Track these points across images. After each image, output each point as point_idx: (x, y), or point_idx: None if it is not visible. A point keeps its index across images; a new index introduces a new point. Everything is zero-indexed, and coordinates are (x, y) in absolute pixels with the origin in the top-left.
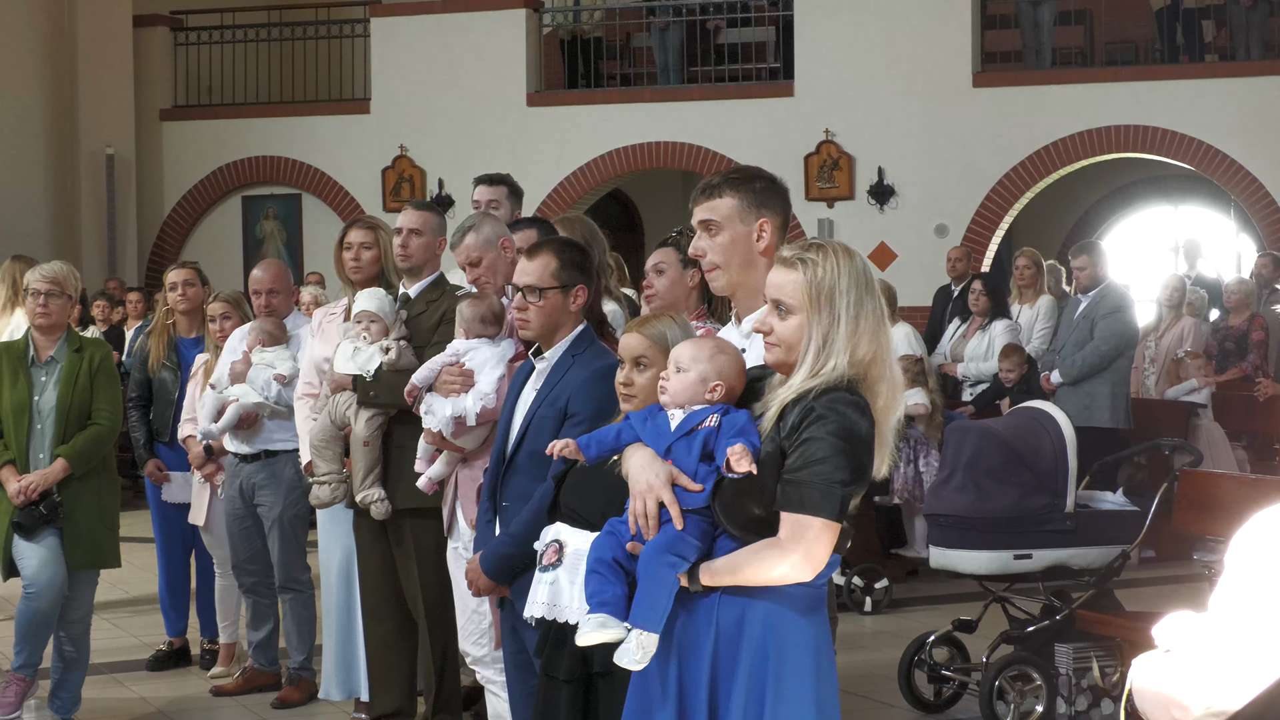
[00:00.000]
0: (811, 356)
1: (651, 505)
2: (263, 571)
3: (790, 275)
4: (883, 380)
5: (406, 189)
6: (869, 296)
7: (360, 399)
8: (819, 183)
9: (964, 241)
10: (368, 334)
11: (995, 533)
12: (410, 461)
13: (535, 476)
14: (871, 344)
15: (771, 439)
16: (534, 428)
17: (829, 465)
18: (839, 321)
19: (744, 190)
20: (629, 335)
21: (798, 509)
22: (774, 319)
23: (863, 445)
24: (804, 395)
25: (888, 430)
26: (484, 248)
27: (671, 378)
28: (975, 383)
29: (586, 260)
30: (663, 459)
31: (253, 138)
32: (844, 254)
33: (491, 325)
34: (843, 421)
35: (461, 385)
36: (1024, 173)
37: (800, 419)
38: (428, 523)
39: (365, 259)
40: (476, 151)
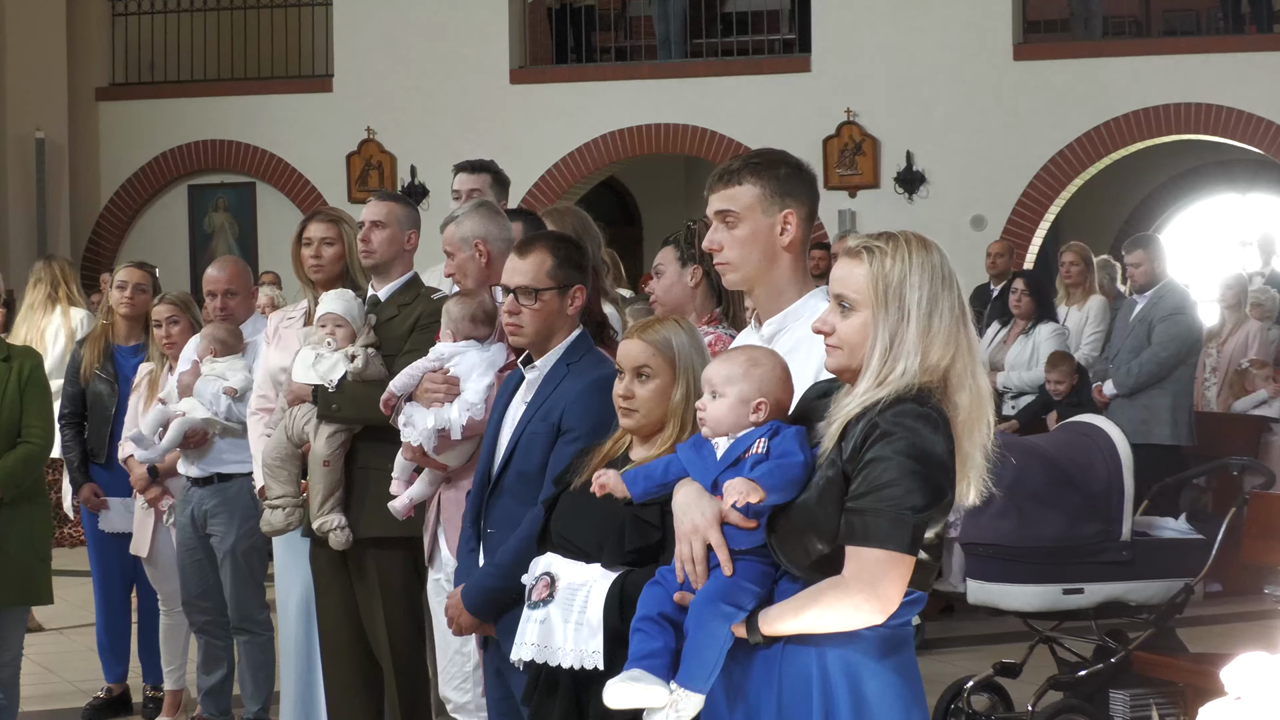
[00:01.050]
0: (877, 360)
1: (698, 549)
2: (216, 609)
3: (855, 267)
4: (963, 389)
5: (374, 177)
6: (946, 293)
7: (321, 412)
8: (839, 169)
9: (1004, 235)
10: (332, 339)
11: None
12: (376, 484)
13: (524, 500)
14: (948, 347)
15: (832, 462)
16: (523, 445)
17: (898, 489)
18: (908, 319)
19: (767, 177)
20: (629, 342)
21: (862, 541)
22: (836, 317)
23: (938, 466)
24: (869, 409)
25: (973, 448)
26: (457, 244)
27: (708, 405)
28: (1017, 395)
29: (583, 257)
30: (710, 494)
31: (200, 119)
32: (919, 244)
33: (483, 325)
34: (912, 438)
35: (445, 394)
36: (1071, 157)
37: (864, 437)
38: (394, 554)
39: (327, 256)
40: (454, 135)
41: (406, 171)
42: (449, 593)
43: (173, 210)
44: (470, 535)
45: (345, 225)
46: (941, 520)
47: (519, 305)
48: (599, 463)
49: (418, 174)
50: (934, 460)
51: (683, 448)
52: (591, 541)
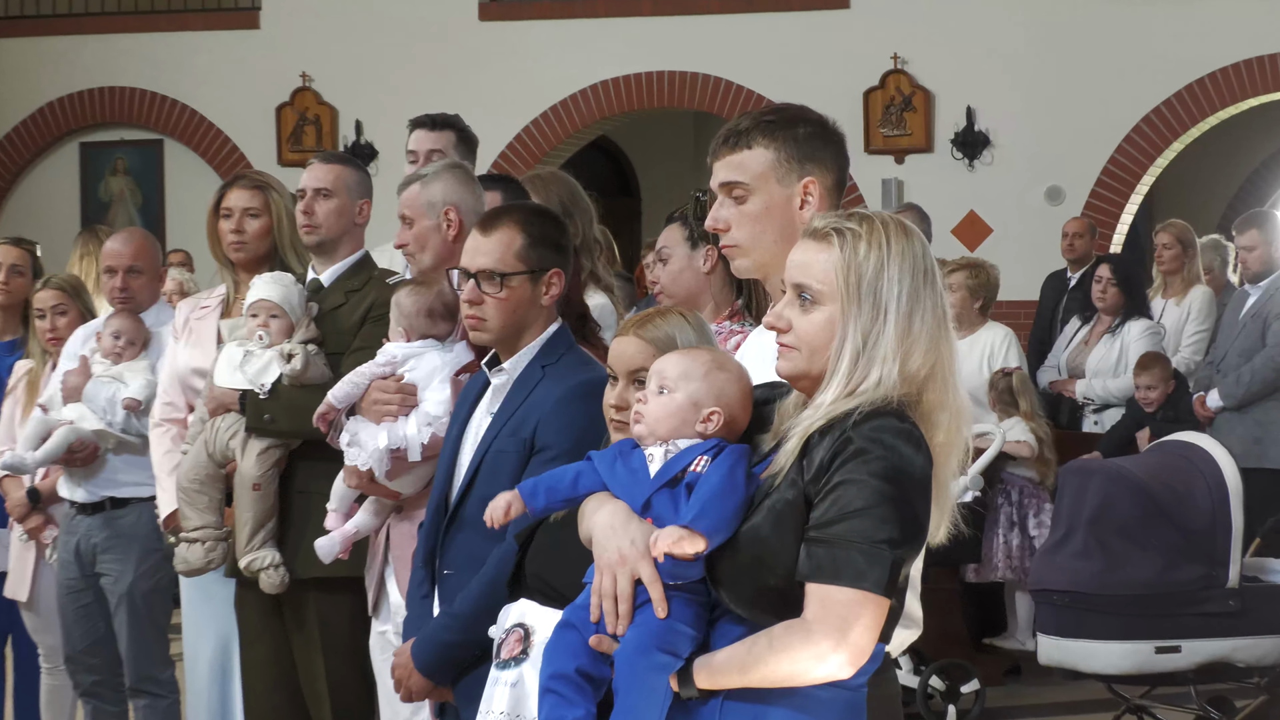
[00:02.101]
0: (846, 364)
1: (625, 584)
2: (107, 667)
3: (820, 252)
4: (943, 407)
5: (311, 134)
6: (928, 290)
7: (250, 424)
8: (884, 129)
9: (1085, 211)
10: (264, 333)
11: (1129, 616)
12: (318, 513)
13: (489, 534)
14: (929, 354)
15: (792, 482)
16: (489, 466)
17: (871, 518)
18: (885, 318)
19: (783, 138)
20: (624, 340)
21: (829, 578)
22: (793, 311)
23: (917, 490)
24: (837, 422)
25: (947, 477)
26: (420, 208)
27: (651, 400)
28: (1101, 407)
29: (563, 234)
30: (640, 516)
31: (95, 62)
32: (898, 229)
33: (443, 321)
34: (891, 458)
35: (400, 405)
36: (1169, 116)
37: (832, 455)
38: (340, 599)
39: (251, 231)
40: (410, 83)
41: (350, 127)
42: (397, 649)
43: (60, 173)
44: (423, 578)
45: (274, 193)
46: (915, 559)
47: (481, 293)
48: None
49: (364, 131)
50: (913, 483)
51: (601, 456)
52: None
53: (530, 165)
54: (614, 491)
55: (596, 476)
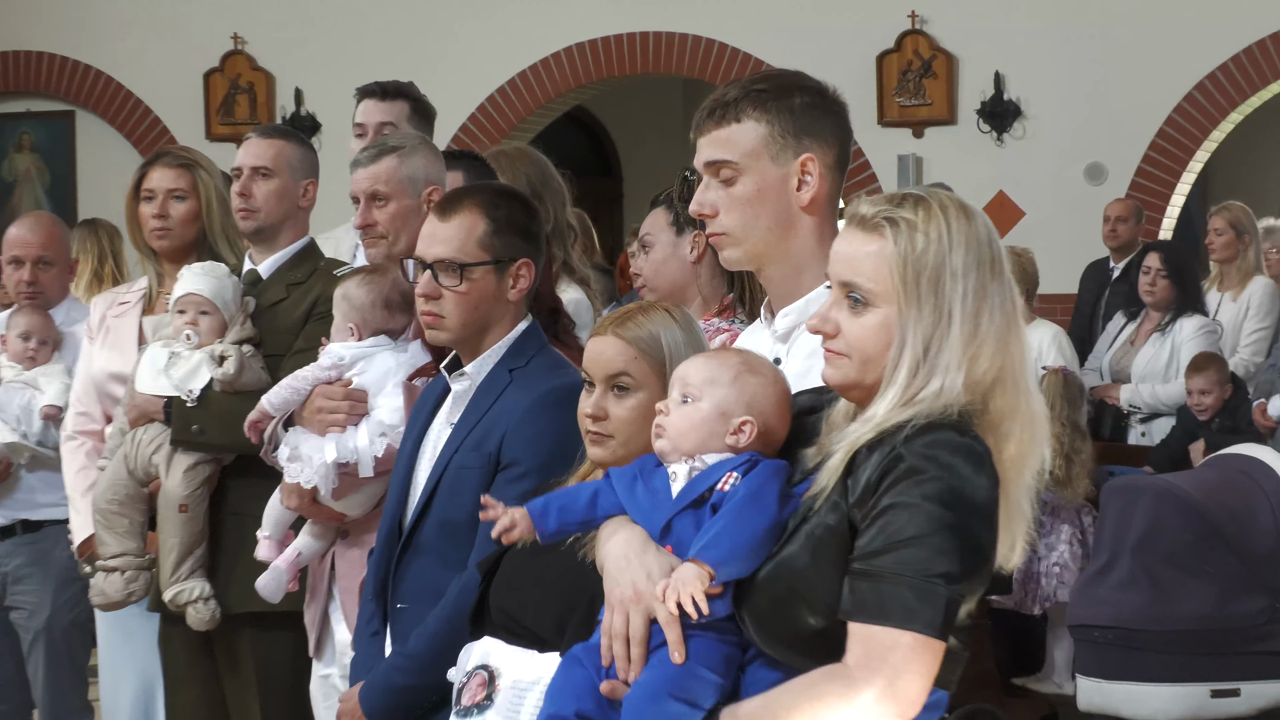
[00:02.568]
0: (904, 373)
1: (638, 623)
2: (16, 713)
3: (870, 243)
4: (1015, 415)
5: (243, 104)
6: (995, 281)
7: (176, 436)
8: (900, 98)
9: (1130, 192)
10: (193, 333)
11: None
12: (254, 539)
13: (450, 562)
14: (999, 356)
15: (834, 505)
16: (449, 484)
17: (926, 549)
18: (949, 319)
19: (776, 110)
20: (600, 340)
21: (875, 618)
22: (841, 313)
23: (980, 517)
24: (887, 435)
25: (1021, 494)
26: (402, 185)
27: (673, 411)
28: (1149, 416)
29: (533, 219)
30: (659, 543)
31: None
32: (958, 212)
33: (401, 313)
34: (949, 479)
35: (348, 414)
36: (1226, 84)
37: (880, 474)
38: (278, 637)
39: (177, 216)
40: (357, 46)
41: (288, 96)
42: (343, 694)
43: None
44: (373, 612)
45: (202, 173)
46: (979, 593)
47: (439, 286)
48: None
49: (304, 100)
50: (975, 509)
51: (620, 474)
52: (547, 621)
53: (495, 140)
54: (631, 515)
55: (615, 498)
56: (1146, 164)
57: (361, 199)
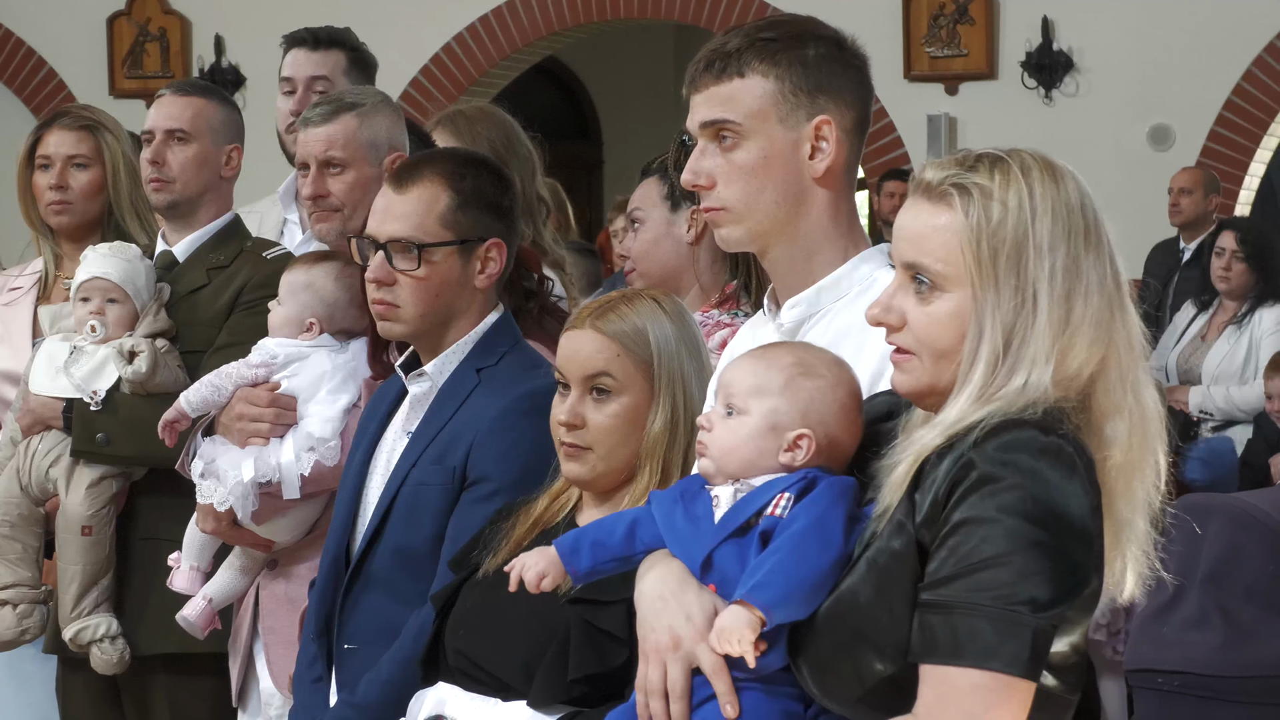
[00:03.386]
0: (982, 371)
1: (676, 673)
2: None
3: (937, 215)
4: (1121, 414)
5: (154, 54)
6: (1092, 255)
7: (78, 446)
8: (931, 48)
9: (1201, 159)
10: (98, 324)
11: (1261, 704)
12: (169, 568)
13: (404, 596)
14: (1096, 345)
15: (899, 526)
16: (404, 504)
17: (1005, 571)
18: (1035, 303)
19: (787, 63)
20: (577, 334)
21: (949, 657)
22: (907, 301)
23: (1074, 534)
24: (958, 439)
25: (1132, 509)
26: (362, 150)
27: (716, 426)
28: (1223, 424)
29: (505, 192)
30: (700, 580)
31: None
32: (1043, 174)
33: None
34: (1031, 487)
35: (273, 423)
36: None
37: (949, 484)
38: (198, 682)
39: (78, 187)
40: None
41: (207, 45)
42: None
43: None
44: (315, 654)
45: (107, 135)
46: (1083, 623)
47: (394, 271)
48: (526, 533)
49: (225, 50)
50: (1068, 524)
51: (660, 499)
52: (512, 665)
53: (451, 98)
54: (670, 547)
55: (653, 529)
56: (1220, 126)
57: (312, 165)
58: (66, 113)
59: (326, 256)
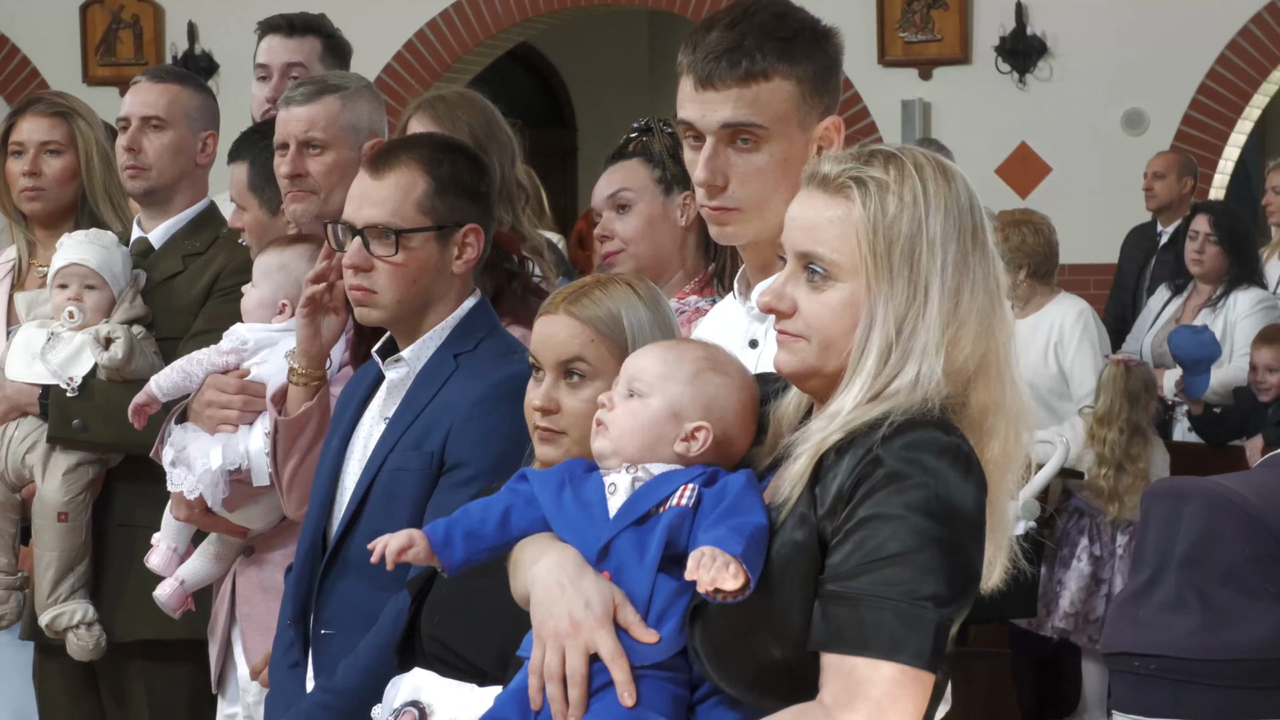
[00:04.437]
0: (874, 360)
1: (575, 660)
2: None
3: (833, 208)
4: (999, 409)
5: (127, 41)
6: (978, 253)
7: (54, 432)
8: (905, 33)
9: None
10: (76, 310)
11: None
12: (145, 553)
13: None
14: (980, 341)
15: (801, 518)
16: (383, 491)
17: (910, 567)
18: (926, 295)
19: (805, 63)
20: (552, 319)
21: (855, 648)
22: (799, 289)
23: (968, 528)
24: (860, 435)
25: (1004, 500)
26: (343, 133)
27: (618, 405)
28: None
29: (482, 178)
30: (596, 568)
31: None
32: (936, 173)
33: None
34: (935, 486)
35: (242, 409)
36: None
37: (855, 481)
38: (175, 668)
39: (52, 173)
40: None
41: (180, 32)
42: None
43: None
44: (292, 640)
45: (81, 122)
46: (963, 616)
47: (371, 257)
48: None
49: (199, 37)
50: (965, 522)
51: (542, 479)
52: (488, 649)
53: (425, 85)
54: (560, 532)
55: (534, 511)
56: (1195, 110)
57: (292, 144)
58: (40, 99)
59: (301, 239)
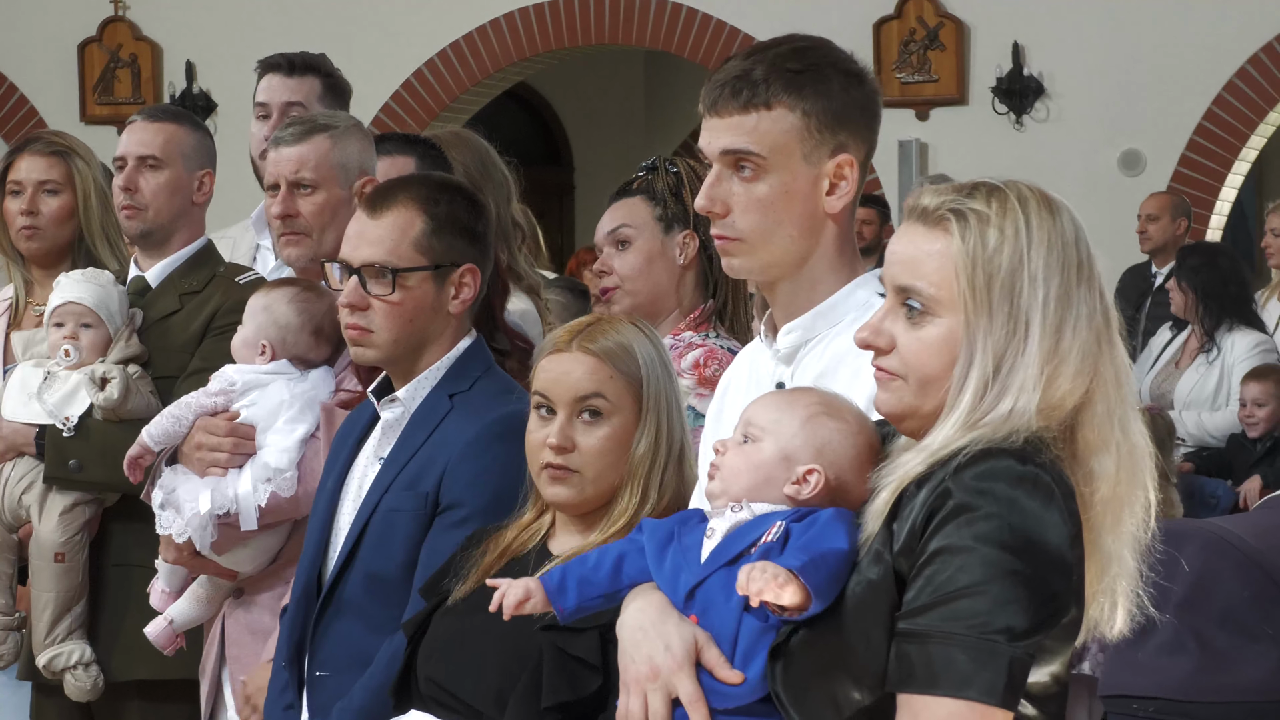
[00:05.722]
0: (970, 396)
1: (657, 704)
2: None
3: (933, 241)
4: (1107, 449)
5: (125, 80)
6: (1084, 288)
7: (50, 472)
8: (901, 74)
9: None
10: (73, 349)
11: None
12: (142, 594)
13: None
14: (1081, 376)
15: (877, 555)
16: (376, 530)
17: (981, 600)
18: (1026, 331)
19: (814, 97)
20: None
21: (925, 685)
22: (897, 325)
23: (1051, 563)
24: (937, 466)
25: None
26: (333, 172)
27: (730, 450)
28: (1196, 449)
29: (479, 217)
30: (684, 610)
31: None
32: (1040, 204)
33: (326, 345)
34: (1007, 515)
35: (232, 452)
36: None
37: (927, 513)
38: (171, 708)
39: (49, 212)
40: (258, 12)
41: (178, 71)
42: None
43: None
44: (287, 682)
45: (78, 161)
46: (1063, 653)
47: (367, 295)
48: (495, 561)
49: (197, 75)
50: (1044, 553)
51: (654, 528)
52: (485, 692)
53: (422, 124)
54: (656, 578)
55: (645, 559)
56: (1192, 151)
57: (282, 184)
58: (38, 138)
59: (290, 282)
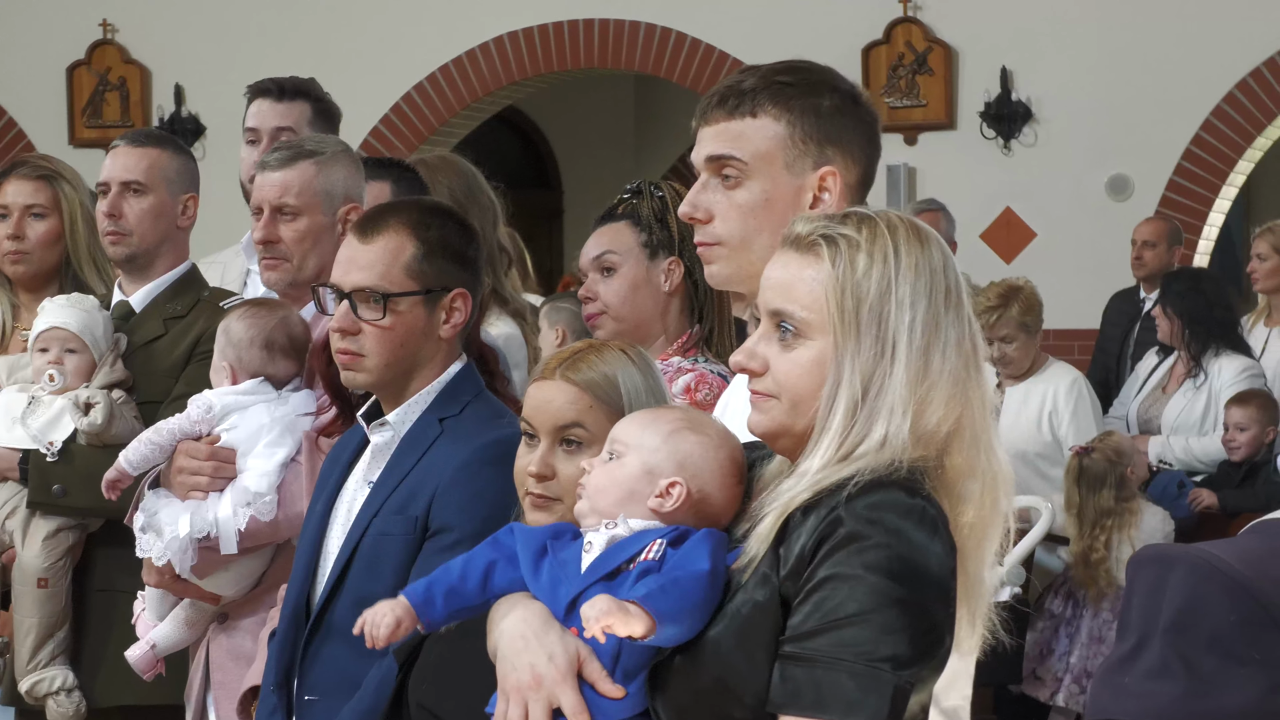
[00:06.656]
0: (841, 418)
1: (537, 713)
2: None
3: (805, 268)
4: (973, 473)
5: (113, 104)
6: (951, 315)
7: (34, 497)
8: (889, 98)
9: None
10: (57, 373)
11: None
12: (125, 618)
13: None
14: (954, 403)
15: (764, 578)
16: (367, 556)
17: (869, 628)
18: (893, 354)
19: (800, 109)
20: (548, 385)
21: (810, 710)
22: (770, 347)
23: (932, 590)
24: (825, 495)
25: (982, 566)
26: (316, 198)
27: (597, 469)
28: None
29: (470, 242)
30: (564, 623)
31: None
32: (909, 234)
33: (284, 359)
34: (896, 546)
35: (211, 476)
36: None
37: (816, 540)
38: None
39: (36, 236)
40: (246, 36)
41: (167, 94)
42: None
43: None
44: (275, 706)
45: (65, 186)
46: (932, 681)
47: (358, 320)
48: None
49: (185, 99)
50: (929, 583)
51: (526, 537)
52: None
53: (411, 147)
54: (533, 589)
55: (514, 570)
56: (1179, 176)
57: (266, 209)
58: (25, 162)
59: (246, 301)
